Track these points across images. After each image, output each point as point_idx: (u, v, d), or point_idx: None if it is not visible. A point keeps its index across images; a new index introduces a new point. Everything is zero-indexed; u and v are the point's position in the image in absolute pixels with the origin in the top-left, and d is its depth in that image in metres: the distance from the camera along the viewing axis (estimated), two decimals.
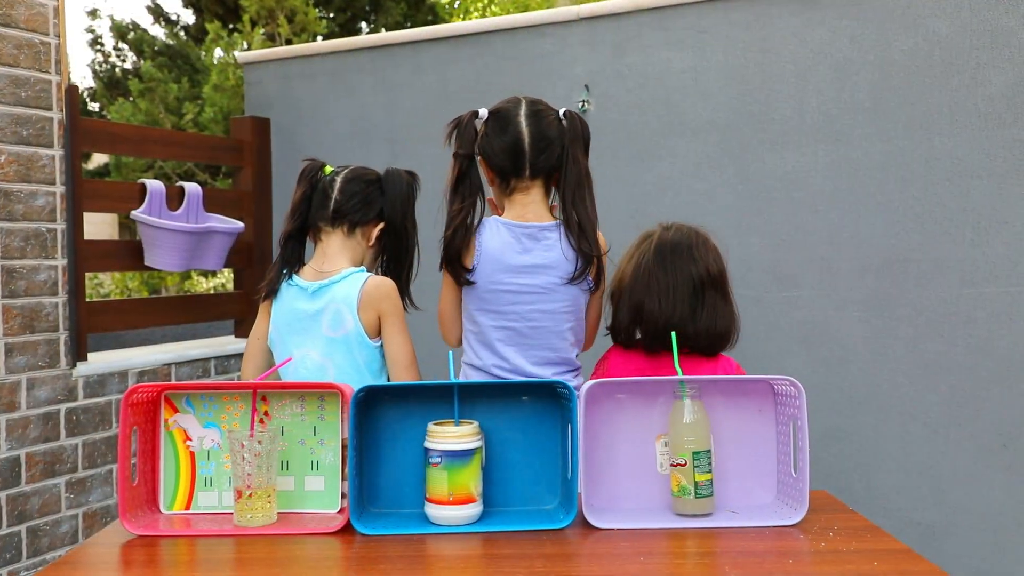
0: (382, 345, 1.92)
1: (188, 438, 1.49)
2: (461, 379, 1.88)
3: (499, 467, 1.47)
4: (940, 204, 2.76)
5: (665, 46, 3.14)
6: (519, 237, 1.87)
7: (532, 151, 1.86)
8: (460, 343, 1.99)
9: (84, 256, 2.94)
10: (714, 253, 1.84)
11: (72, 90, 2.89)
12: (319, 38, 12.21)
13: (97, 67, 13.82)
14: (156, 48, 12.99)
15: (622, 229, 3.34)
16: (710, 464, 1.42)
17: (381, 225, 2.00)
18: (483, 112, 1.92)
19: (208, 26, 11.76)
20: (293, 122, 3.85)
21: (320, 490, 1.48)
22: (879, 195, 2.84)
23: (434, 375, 1.88)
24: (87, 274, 4.33)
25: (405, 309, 1.96)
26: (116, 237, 13.89)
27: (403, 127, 3.62)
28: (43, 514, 2.76)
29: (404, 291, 2.01)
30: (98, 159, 13.65)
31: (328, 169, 2.00)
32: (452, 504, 1.38)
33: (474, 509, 1.40)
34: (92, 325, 2.98)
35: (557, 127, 1.89)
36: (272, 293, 1.97)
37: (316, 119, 3.81)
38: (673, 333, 1.56)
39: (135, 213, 3.15)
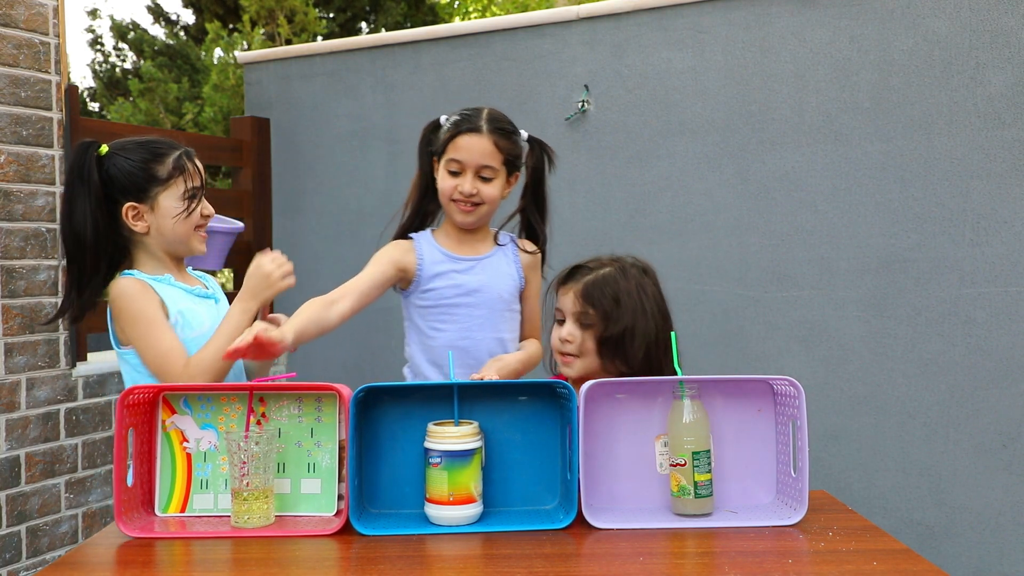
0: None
1: (185, 439, 1.48)
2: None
3: (499, 467, 1.47)
4: (939, 204, 2.76)
5: (665, 46, 3.14)
6: None
7: None
8: None
9: None
10: None
11: (72, 90, 2.89)
12: (319, 38, 12.20)
13: (97, 67, 13.80)
14: (156, 48, 12.97)
15: (622, 229, 3.35)
16: (709, 464, 1.42)
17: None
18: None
19: (208, 26, 11.74)
20: (293, 122, 3.85)
21: (316, 493, 1.47)
22: (879, 195, 2.84)
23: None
24: None
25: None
26: None
27: (402, 127, 3.62)
28: (43, 514, 2.76)
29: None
30: None
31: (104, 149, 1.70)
32: (452, 504, 1.38)
33: (474, 509, 1.39)
34: (92, 325, 2.98)
35: None
36: None
37: (316, 119, 3.80)
38: (673, 333, 1.56)
39: None
